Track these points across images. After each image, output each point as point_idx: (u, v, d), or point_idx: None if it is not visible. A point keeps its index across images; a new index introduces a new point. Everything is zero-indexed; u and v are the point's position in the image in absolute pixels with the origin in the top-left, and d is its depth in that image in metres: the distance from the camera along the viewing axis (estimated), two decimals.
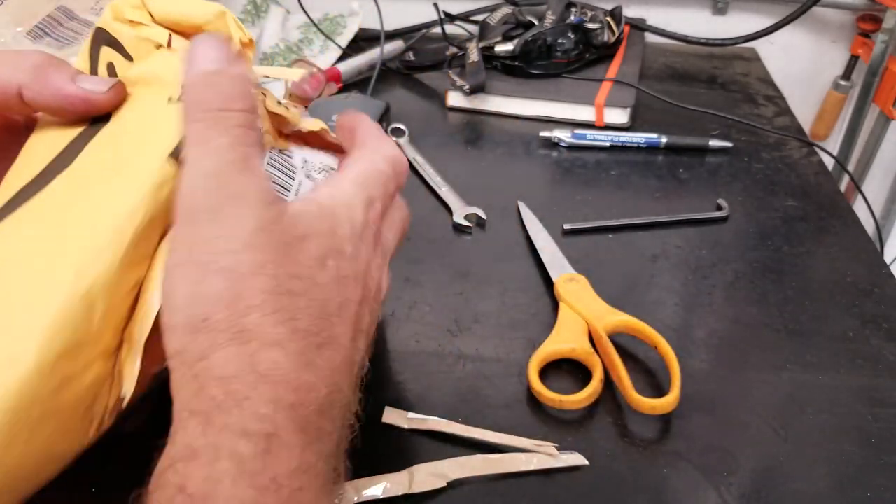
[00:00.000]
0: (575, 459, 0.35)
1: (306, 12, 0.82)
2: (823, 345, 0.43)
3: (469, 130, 0.69)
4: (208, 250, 0.24)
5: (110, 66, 0.31)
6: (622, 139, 0.65)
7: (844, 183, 0.95)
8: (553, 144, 0.66)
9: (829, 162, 0.80)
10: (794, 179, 0.61)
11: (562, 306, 0.44)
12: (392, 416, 0.37)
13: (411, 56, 0.79)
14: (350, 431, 0.26)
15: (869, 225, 0.72)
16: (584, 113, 0.69)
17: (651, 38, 0.89)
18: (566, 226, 0.53)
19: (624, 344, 0.41)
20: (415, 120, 0.68)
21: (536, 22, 0.75)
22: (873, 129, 0.90)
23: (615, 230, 0.54)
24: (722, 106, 0.72)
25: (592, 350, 0.40)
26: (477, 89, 0.69)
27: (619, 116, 0.69)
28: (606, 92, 0.70)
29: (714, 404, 0.39)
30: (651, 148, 0.65)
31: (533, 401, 0.39)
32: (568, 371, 0.41)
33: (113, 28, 0.31)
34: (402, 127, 0.65)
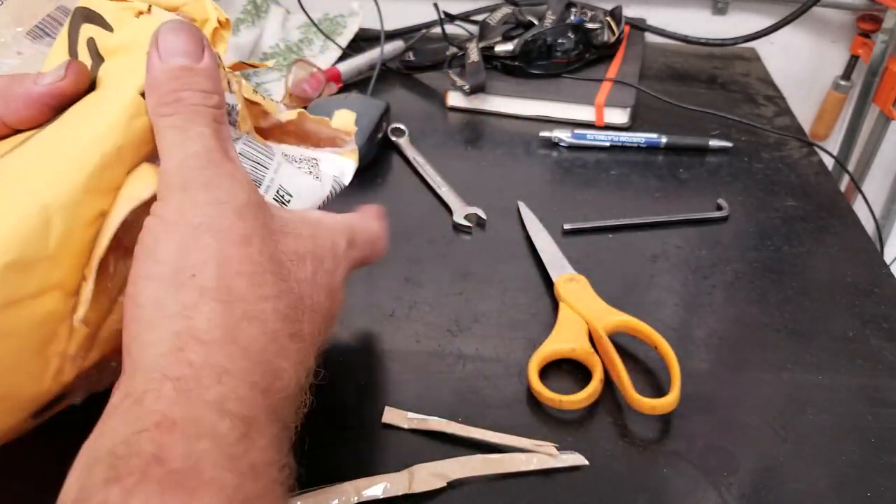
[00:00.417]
0: (575, 459, 0.35)
1: (306, 12, 0.82)
2: (823, 345, 0.43)
3: (469, 130, 0.69)
4: (201, 213, 0.24)
5: (90, 42, 0.31)
6: (622, 139, 0.65)
7: (844, 183, 0.95)
8: (553, 144, 0.66)
9: (829, 162, 0.80)
10: (794, 179, 0.61)
11: (562, 306, 0.44)
12: (392, 416, 0.37)
13: (411, 56, 0.79)
14: (295, 434, 0.26)
15: (869, 225, 0.72)
16: (584, 113, 0.69)
17: (651, 38, 0.89)
18: (566, 226, 0.53)
19: (624, 344, 0.41)
20: (415, 120, 0.68)
21: (536, 22, 0.75)
22: (873, 129, 0.90)
23: (615, 230, 0.54)
24: (722, 106, 0.72)
25: (592, 350, 0.40)
26: (477, 89, 0.69)
27: (619, 116, 0.69)
28: (606, 92, 0.70)
29: (714, 404, 0.39)
30: (651, 148, 0.65)
31: (533, 401, 0.39)
32: (568, 371, 0.41)
33: (94, 3, 0.32)
34: (402, 127, 0.65)
